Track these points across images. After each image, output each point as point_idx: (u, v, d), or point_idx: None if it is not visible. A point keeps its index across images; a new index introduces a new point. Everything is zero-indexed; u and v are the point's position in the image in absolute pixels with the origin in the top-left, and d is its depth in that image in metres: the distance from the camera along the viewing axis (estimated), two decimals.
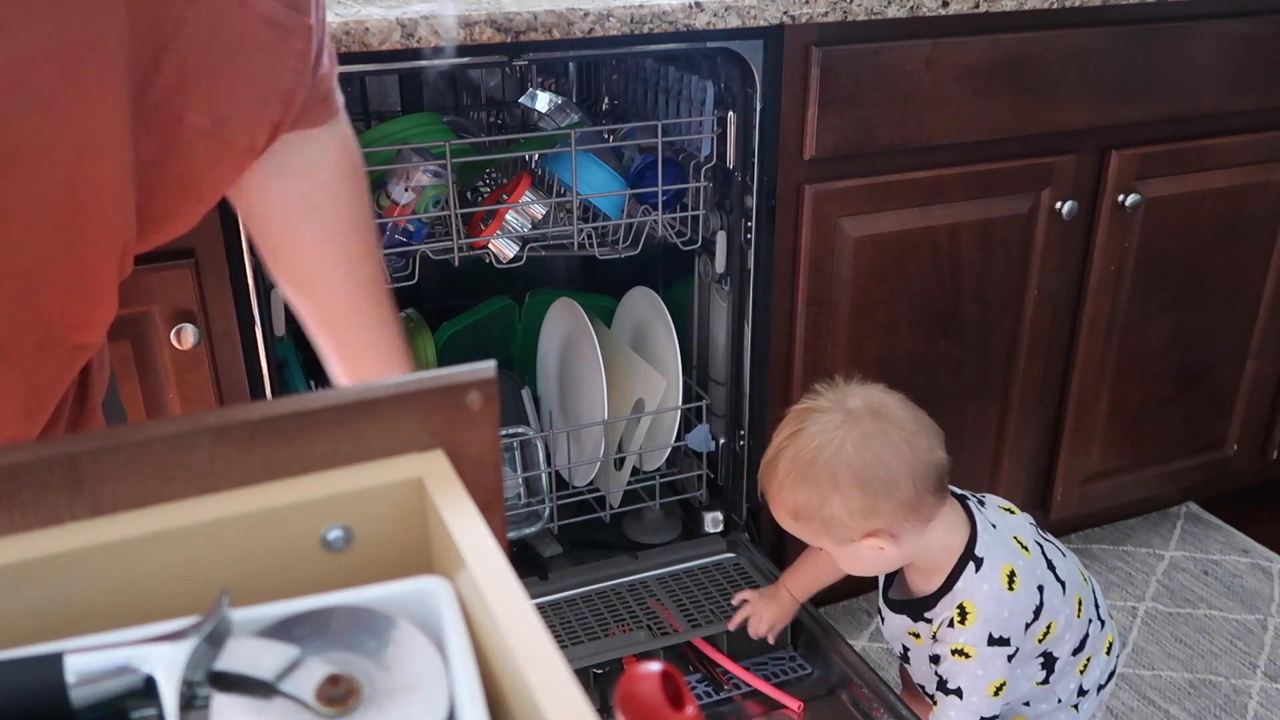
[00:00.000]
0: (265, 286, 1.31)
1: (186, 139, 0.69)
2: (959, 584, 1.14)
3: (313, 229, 0.83)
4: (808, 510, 1.10)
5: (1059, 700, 1.24)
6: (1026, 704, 1.24)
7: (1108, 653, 1.27)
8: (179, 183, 0.71)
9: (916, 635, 1.21)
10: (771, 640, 1.41)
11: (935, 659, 1.17)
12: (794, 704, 1.40)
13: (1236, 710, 1.63)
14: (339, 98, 0.81)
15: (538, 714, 0.34)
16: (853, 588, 1.85)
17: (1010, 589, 1.14)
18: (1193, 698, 1.65)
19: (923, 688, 1.27)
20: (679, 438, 1.63)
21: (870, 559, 1.14)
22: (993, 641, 1.12)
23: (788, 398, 1.58)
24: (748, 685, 1.44)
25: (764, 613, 1.39)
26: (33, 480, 0.40)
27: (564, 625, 1.48)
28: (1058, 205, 1.60)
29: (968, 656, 1.12)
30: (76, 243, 0.67)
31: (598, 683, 1.42)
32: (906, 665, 1.28)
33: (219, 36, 0.67)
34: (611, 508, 1.66)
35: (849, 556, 1.15)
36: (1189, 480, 2.00)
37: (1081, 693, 1.25)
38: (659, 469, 1.66)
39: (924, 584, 1.18)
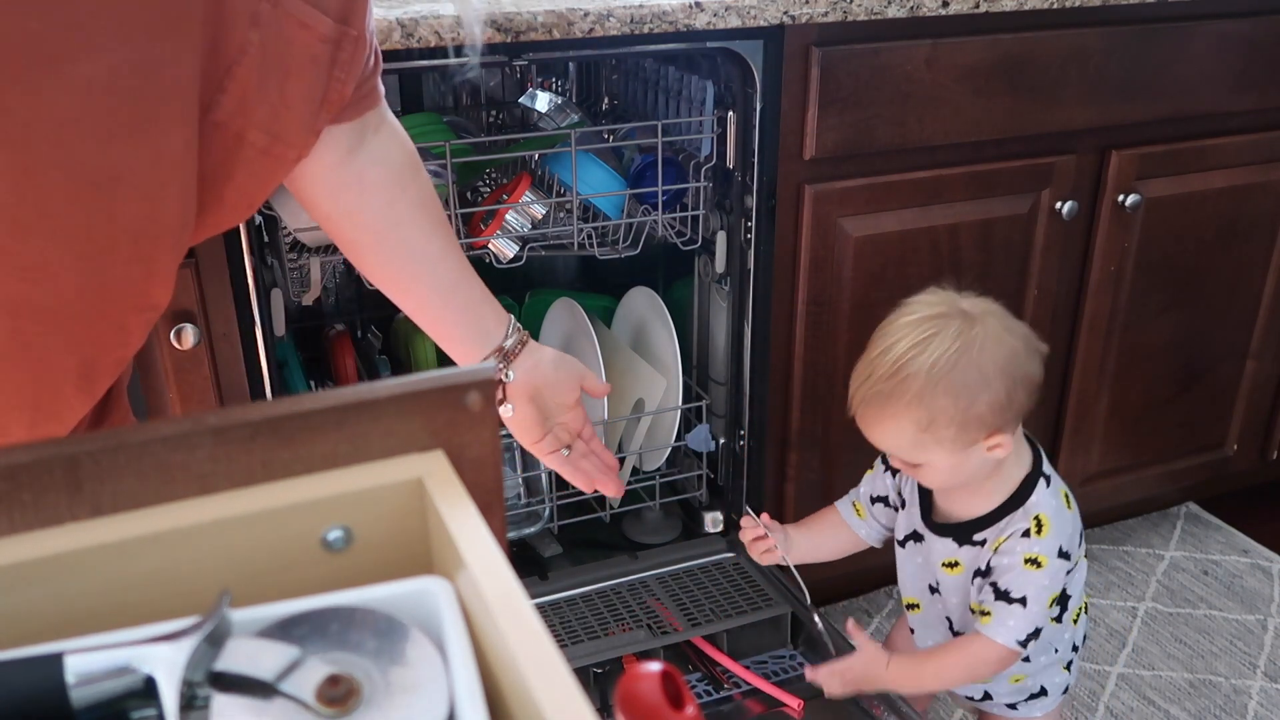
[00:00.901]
0: (265, 286, 1.31)
1: (245, 155, 0.72)
2: (1032, 499, 1.13)
3: (409, 202, 0.89)
4: (948, 417, 1.06)
5: (1055, 651, 1.23)
6: (1026, 659, 1.21)
7: (1085, 612, 1.27)
8: (235, 192, 0.74)
9: (953, 565, 1.18)
10: (764, 560, 1.29)
11: (985, 572, 1.14)
12: (794, 702, 1.40)
13: (1236, 710, 1.63)
14: (381, 88, 0.85)
15: (538, 714, 0.34)
16: (853, 588, 1.85)
17: (1068, 509, 1.15)
18: (1193, 698, 1.65)
19: (949, 622, 1.23)
20: (679, 438, 1.63)
21: (975, 465, 1.11)
22: (1060, 554, 1.12)
23: (788, 398, 1.58)
24: (748, 684, 1.44)
25: (777, 540, 1.29)
26: (33, 480, 0.40)
27: (564, 625, 1.49)
28: (1058, 205, 1.60)
29: (1040, 566, 1.11)
30: (143, 253, 0.69)
31: (598, 682, 1.42)
32: (933, 598, 1.23)
33: (280, 57, 0.70)
34: (611, 508, 1.66)
35: (955, 466, 1.11)
36: (1189, 480, 2.00)
37: (1073, 649, 1.25)
38: (659, 469, 1.66)
39: (977, 505, 1.16)
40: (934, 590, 1.24)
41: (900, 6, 1.38)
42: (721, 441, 1.66)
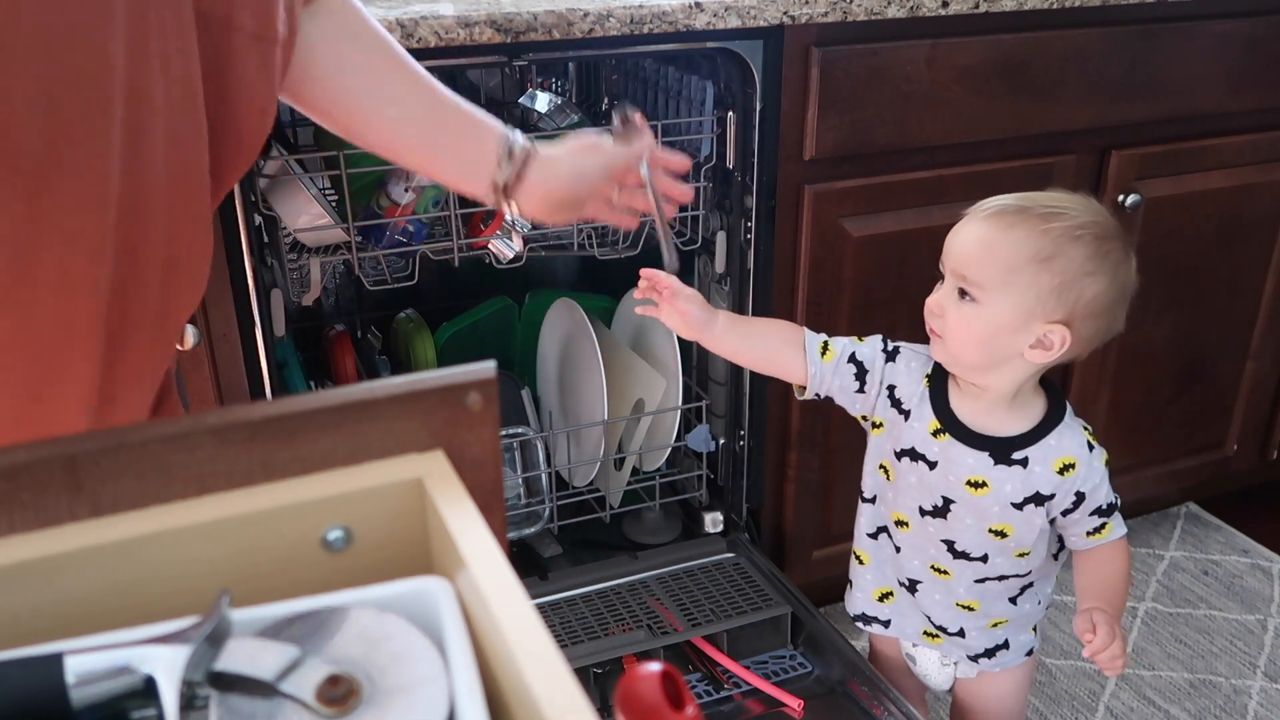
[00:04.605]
0: (265, 287, 1.31)
1: (238, 44, 0.70)
2: (1068, 413, 1.14)
3: (375, 32, 0.87)
4: (1066, 265, 1.04)
5: (1039, 603, 1.23)
6: (1013, 600, 1.20)
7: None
8: (238, 92, 0.72)
9: (980, 485, 1.13)
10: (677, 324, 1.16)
11: (1076, 502, 1.13)
12: (794, 702, 1.40)
13: (1236, 710, 1.63)
14: None
15: (538, 714, 0.34)
16: None
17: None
18: (1193, 698, 1.65)
19: (947, 545, 1.17)
20: (679, 438, 1.63)
21: (1014, 346, 1.07)
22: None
23: (788, 398, 1.58)
24: (748, 684, 1.44)
25: (680, 301, 1.14)
26: (33, 480, 0.40)
27: (564, 625, 1.49)
28: None
29: (1108, 462, 1.15)
30: (160, 188, 0.67)
31: (598, 683, 1.42)
32: (927, 520, 1.17)
33: None
34: (611, 508, 1.66)
35: (1004, 328, 1.06)
36: (1189, 480, 2.00)
37: (1039, 604, 1.24)
38: (659, 469, 1.66)
39: (1014, 422, 1.13)
40: (937, 511, 1.16)
41: (900, 6, 1.38)
42: (721, 441, 1.66)
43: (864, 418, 1.21)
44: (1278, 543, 2.00)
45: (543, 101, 1.64)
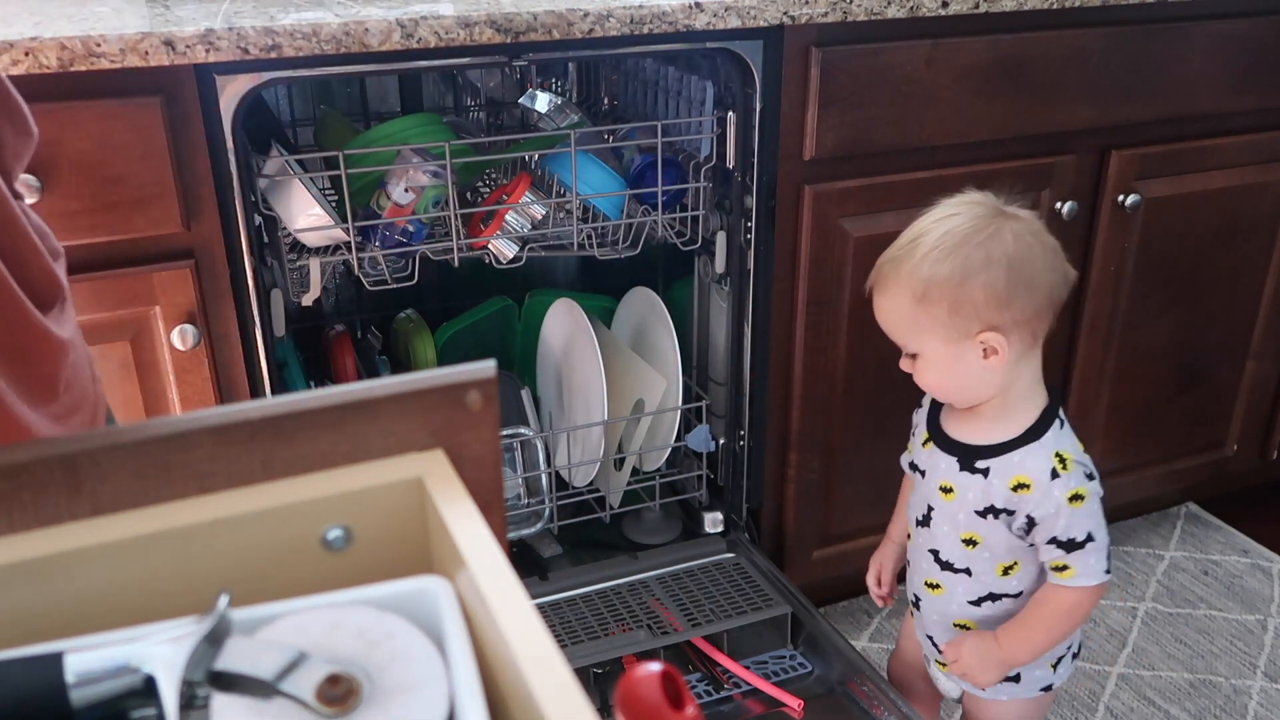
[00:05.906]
0: (265, 287, 1.31)
1: None
2: (1047, 435, 1.13)
3: None
4: (941, 289, 1.07)
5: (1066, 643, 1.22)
6: None
7: None
8: None
9: (949, 490, 1.16)
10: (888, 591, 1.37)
11: (1028, 526, 1.12)
12: (794, 702, 1.40)
13: (1236, 710, 1.63)
14: None
15: (538, 714, 0.34)
16: (854, 588, 1.85)
17: (1083, 452, 1.16)
18: (1193, 698, 1.65)
19: (934, 555, 1.20)
20: (679, 438, 1.63)
21: (972, 365, 1.10)
22: (1089, 476, 1.13)
23: (788, 398, 1.58)
24: (748, 684, 1.44)
25: (884, 567, 1.35)
26: (33, 480, 0.40)
27: (564, 625, 1.49)
28: (1058, 205, 1.60)
29: (1083, 499, 1.11)
30: None
31: (598, 683, 1.42)
32: (919, 530, 1.21)
33: None
34: (611, 508, 1.66)
35: (949, 359, 1.10)
36: (1189, 480, 2.00)
37: (1066, 646, 1.23)
38: (659, 469, 1.66)
39: (984, 431, 1.15)
40: (923, 520, 1.20)
41: (900, 6, 1.38)
42: (721, 441, 1.66)
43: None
44: (1278, 543, 2.00)
45: (543, 101, 1.64)
